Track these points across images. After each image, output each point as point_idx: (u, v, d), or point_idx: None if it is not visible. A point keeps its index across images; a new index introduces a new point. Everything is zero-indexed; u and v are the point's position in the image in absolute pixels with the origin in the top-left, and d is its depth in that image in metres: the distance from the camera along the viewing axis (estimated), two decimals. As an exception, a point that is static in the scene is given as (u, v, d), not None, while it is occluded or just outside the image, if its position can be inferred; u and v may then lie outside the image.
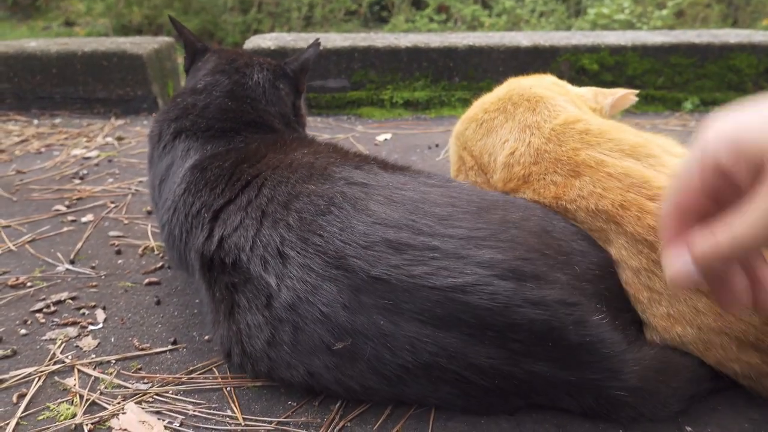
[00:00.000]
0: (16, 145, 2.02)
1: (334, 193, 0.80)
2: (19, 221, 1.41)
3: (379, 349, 0.71)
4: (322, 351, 0.74)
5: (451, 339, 0.70)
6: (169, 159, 1.05)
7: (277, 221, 0.80)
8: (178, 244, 0.96)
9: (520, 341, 0.69)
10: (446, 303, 0.69)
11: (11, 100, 2.41)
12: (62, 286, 1.13)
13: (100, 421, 0.78)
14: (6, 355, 0.92)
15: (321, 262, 0.74)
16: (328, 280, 0.73)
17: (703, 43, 2.26)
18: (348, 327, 0.71)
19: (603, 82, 2.31)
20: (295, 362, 0.76)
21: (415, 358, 0.71)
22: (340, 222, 0.76)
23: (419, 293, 0.70)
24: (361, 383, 0.75)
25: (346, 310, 0.71)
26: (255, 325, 0.78)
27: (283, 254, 0.77)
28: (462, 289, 0.69)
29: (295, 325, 0.74)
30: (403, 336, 0.70)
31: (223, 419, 0.79)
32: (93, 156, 1.89)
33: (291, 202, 0.81)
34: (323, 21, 4.56)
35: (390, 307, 0.70)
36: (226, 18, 4.27)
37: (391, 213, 0.77)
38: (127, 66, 2.34)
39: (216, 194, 0.90)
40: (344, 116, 2.32)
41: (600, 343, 0.70)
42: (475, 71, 2.32)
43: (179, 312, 1.04)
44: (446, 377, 0.72)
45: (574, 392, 0.73)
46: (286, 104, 1.16)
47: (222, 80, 1.13)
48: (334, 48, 2.29)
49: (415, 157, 1.80)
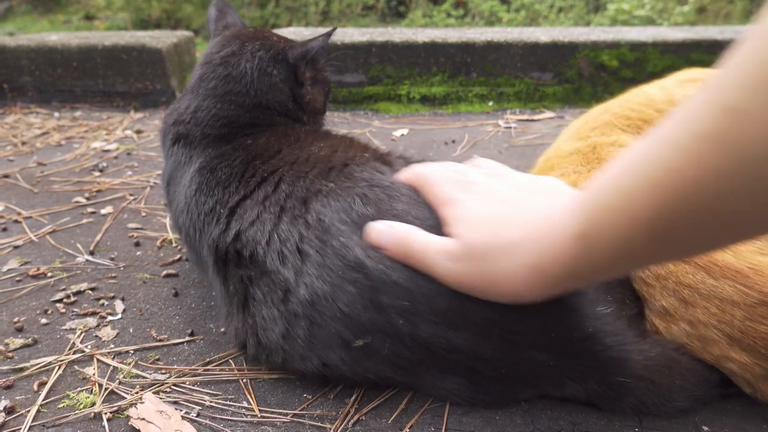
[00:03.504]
0: (37, 138, 2.04)
1: (354, 196, 0.78)
2: (40, 212, 1.43)
3: (397, 346, 0.72)
4: (338, 346, 0.74)
5: (461, 338, 0.70)
6: (173, 162, 1.05)
7: (296, 218, 0.79)
8: (194, 243, 0.95)
9: (522, 333, 0.70)
10: (459, 306, 0.70)
11: (33, 93, 2.44)
12: (82, 276, 1.14)
13: (119, 410, 0.79)
14: (27, 344, 0.94)
15: (340, 264, 0.73)
16: (348, 282, 0.73)
17: (725, 40, 2.23)
18: (367, 326, 0.72)
19: (622, 79, 2.29)
20: (309, 354, 0.77)
21: (429, 353, 0.72)
22: (357, 226, 0.75)
23: (437, 299, 0.70)
24: (376, 374, 0.76)
25: (367, 310, 0.72)
26: (270, 318, 0.79)
27: (302, 251, 0.76)
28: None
29: (311, 320, 0.75)
30: (420, 335, 0.71)
31: (239, 410, 0.79)
32: (112, 149, 1.91)
33: (310, 199, 0.80)
34: (340, 16, 4.56)
35: (408, 308, 0.71)
36: (244, 12, 4.28)
37: (417, 213, 0.76)
38: (147, 60, 2.36)
39: (230, 192, 0.89)
40: (361, 111, 2.32)
41: (602, 332, 0.71)
42: (492, 67, 2.31)
43: (197, 304, 1.05)
44: (457, 369, 0.73)
45: (577, 378, 0.73)
46: (280, 91, 1.05)
47: (207, 74, 1.05)
48: (351, 43, 2.29)
49: (432, 153, 1.80)
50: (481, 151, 1.79)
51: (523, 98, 2.32)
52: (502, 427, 0.75)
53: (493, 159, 0.85)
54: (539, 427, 0.74)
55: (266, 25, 4.29)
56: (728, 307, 0.72)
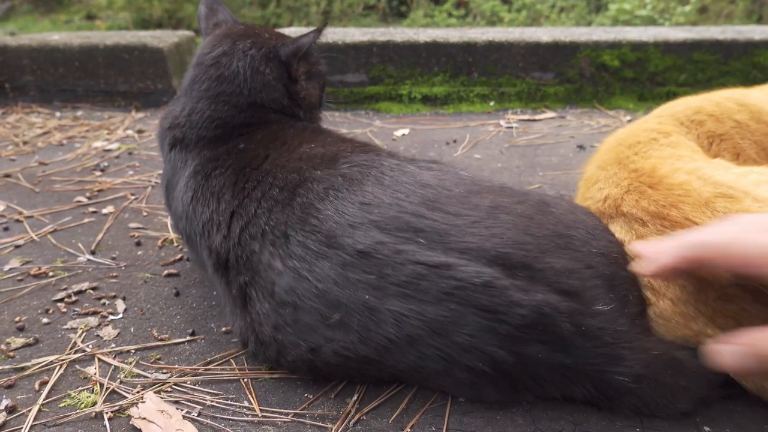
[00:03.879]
0: (38, 137, 2.05)
1: (336, 176, 0.83)
2: (42, 212, 1.43)
3: (366, 322, 0.73)
4: (320, 326, 0.76)
5: (434, 314, 0.70)
6: (171, 168, 1.06)
7: (285, 207, 0.83)
8: (197, 247, 0.97)
9: (507, 323, 0.69)
10: (430, 276, 0.70)
11: (34, 92, 2.44)
12: (83, 276, 1.14)
13: (120, 409, 0.79)
14: (28, 343, 0.94)
15: (316, 241, 0.77)
16: (322, 258, 0.76)
17: (727, 40, 2.23)
18: (339, 301, 0.74)
19: (624, 79, 2.28)
20: (297, 341, 0.78)
21: (398, 330, 0.72)
22: (334, 205, 0.79)
23: (404, 268, 0.71)
24: (355, 352, 0.75)
25: (337, 285, 0.74)
26: (264, 313, 0.81)
27: (287, 235, 0.80)
28: (446, 265, 0.70)
29: (295, 305, 0.77)
30: (388, 310, 0.72)
31: (240, 410, 0.79)
32: (114, 148, 1.91)
33: (298, 188, 0.84)
34: (342, 15, 4.56)
35: (374, 282, 0.72)
36: (245, 12, 4.29)
37: (380, 194, 0.79)
38: (148, 59, 2.36)
39: (226, 201, 0.91)
40: (362, 111, 2.32)
41: (600, 330, 0.70)
42: (494, 67, 2.31)
43: (197, 303, 1.05)
44: (430, 353, 0.73)
45: (571, 376, 0.73)
46: (274, 89, 1.05)
47: (199, 76, 1.05)
48: (353, 43, 2.29)
49: (433, 153, 1.80)
50: (482, 151, 1.79)
51: (524, 98, 2.32)
52: (503, 427, 0.75)
53: (494, 159, 0.86)
54: (540, 427, 0.74)
55: (267, 24, 4.30)
56: (704, 286, 0.74)
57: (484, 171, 1.58)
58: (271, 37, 1.10)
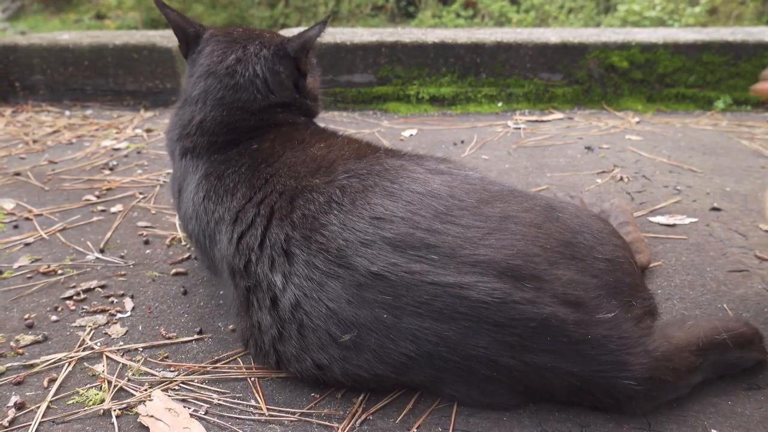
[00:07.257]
0: (48, 136, 2.06)
1: (335, 189, 0.82)
2: (51, 210, 1.44)
3: (383, 340, 0.73)
4: (329, 344, 0.75)
5: (449, 331, 0.71)
6: (182, 174, 1.06)
7: (284, 218, 0.82)
8: (206, 249, 0.97)
9: (518, 335, 0.70)
10: (444, 297, 0.71)
11: (44, 91, 2.46)
12: (92, 274, 1.15)
13: (128, 407, 0.80)
14: (37, 341, 0.94)
15: (324, 260, 0.76)
16: (333, 278, 0.75)
17: (736, 41, 2.22)
18: (353, 320, 0.73)
19: (632, 80, 2.28)
20: (303, 355, 0.78)
21: (417, 347, 0.72)
22: (339, 220, 0.78)
23: (418, 289, 0.71)
24: (368, 371, 0.76)
25: (351, 305, 0.73)
26: (264, 323, 0.81)
27: (289, 253, 0.79)
28: (459, 285, 0.71)
29: (300, 322, 0.77)
30: (405, 328, 0.72)
31: (247, 408, 0.80)
32: (122, 147, 1.92)
33: (296, 198, 0.84)
34: (350, 16, 4.56)
35: (391, 301, 0.72)
36: (254, 12, 4.29)
37: (390, 206, 0.78)
38: (157, 59, 2.37)
39: (237, 198, 0.91)
40: (370, 111, 2.32)
41: (604, 338, 0.71)
42: (502, 68, 2.30)
43: (205, 302, 1.05)
44: (448, 366, 0.73)
45: (579, 383, 0.73)
46: (287, 87, 1.08)
47: (213, 86, 1.04)
48: (361, 43, 2.29)
49: (440, 153, 1.80)
50: (490, 152, 1.78)
51: (532, 99, 2.32)
52: (510, 429, 0.74)
53: (502, 160, 0.85)
54: (547, 429, 0.74)
55: (276, 25, 4.30)
56: None
57: (491, 172, 1.58)
58: (272, 36, 1.11)
